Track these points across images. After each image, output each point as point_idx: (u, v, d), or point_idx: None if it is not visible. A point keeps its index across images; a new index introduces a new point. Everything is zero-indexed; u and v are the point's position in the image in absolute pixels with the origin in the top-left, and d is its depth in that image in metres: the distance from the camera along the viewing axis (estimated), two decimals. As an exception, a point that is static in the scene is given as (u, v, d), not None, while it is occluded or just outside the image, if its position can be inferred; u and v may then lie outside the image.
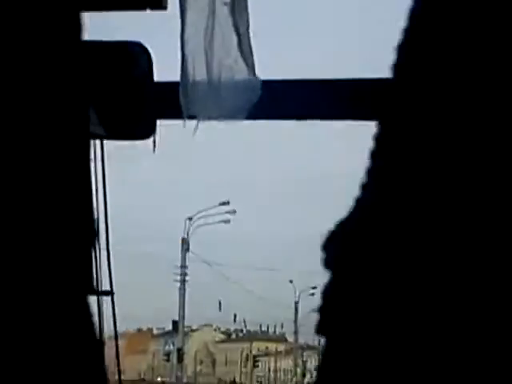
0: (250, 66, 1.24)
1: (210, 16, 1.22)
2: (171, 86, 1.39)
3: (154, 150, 1.39)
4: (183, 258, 42.21)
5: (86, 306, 0.64)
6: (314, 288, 65.33)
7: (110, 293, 1.56)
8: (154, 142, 1.37)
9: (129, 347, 78.67)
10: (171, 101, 1.38)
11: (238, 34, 1.22)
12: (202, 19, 1.23)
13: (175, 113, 1.39)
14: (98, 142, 1.37)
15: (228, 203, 38.51)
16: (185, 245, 41.94)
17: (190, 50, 1.24)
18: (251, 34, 1.26)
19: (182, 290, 40.87)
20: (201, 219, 41.18)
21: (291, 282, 62.26)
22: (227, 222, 41.82)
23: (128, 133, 1.40)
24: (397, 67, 0.51)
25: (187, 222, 41.13)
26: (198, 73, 1.28)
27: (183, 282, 41.24)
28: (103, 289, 1.51)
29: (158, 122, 1.38)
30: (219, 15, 1.22)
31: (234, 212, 40.97)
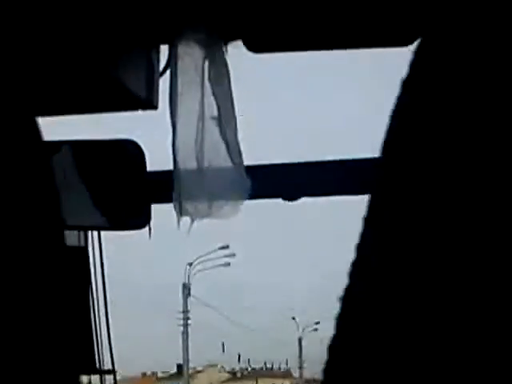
0: (240, 169, 1.32)
1: (200, 123, 1.30)
2: (164, 175, 1.47)
3: (149, 237, 1.49)
4: (184, 303, 42.01)
5: None
6: (317, 323, 64.75)
7: (113, 371, 1.62)
8: (150, 229, 1.46)
9: (135, 393, 77.56)
10: (164, 187, 1.46)
11: (227, 143, 1.30)
12: (192, 126, 1.32)
13: (168, 198, 1.48)
14: (95, 232, 1.48)
15: (227, 247, 38.45)
16: (186, 290, 41.75)
17: (181, 157, 1.33)
18: (239, 138, 1.34)
19: (185, 333, 40.63)
20: (200, 264, 41.00)
21: (294, 318, 61.86)
22: (227, 265, 41.64)
23: (125, 224, 1.50)
24: (386, 146, 0.51)
25: (187, 267, 40.99)
26: (190, 176, 1.36)
27: (186, 326, 41.01)
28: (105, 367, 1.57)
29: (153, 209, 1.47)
30: (207, 125, 1.30)
31: (233, 255, 40.85)
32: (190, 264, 40.34)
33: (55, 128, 1.39)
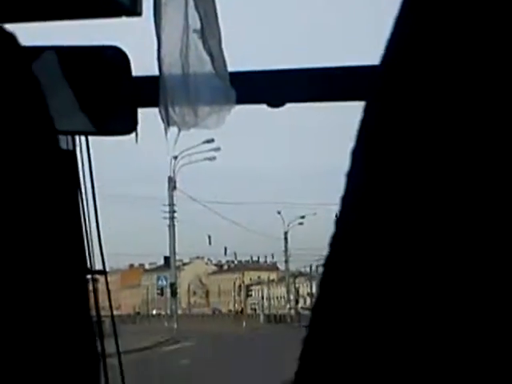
0: (224, 80, 1.34)
1: (184, 36, 1.31)
2: (150, 80, 1.48)
3: (136, 141, 1.51)
4: (170, 196, 42.40)
5: (82, 285, 0.66)
6: (303, 217, 65.77)
7: (103, 272, 1.67)
8: (136, 134, 1.48)
9: (122, 282, 79.10)
10: (150, 92, 1.47)
11: (211, 55, 1.31)
12: (176, 38, 1.32)
13: (155, 103, 1.49)
14: (83, 138, 1.50)
15: (212, 141, 38.45)
16: (171, 183, 42.05)
17: (166, 66, 1.33)
18: (224, 48, 1.35)
19: (171, 226, 41.20)
20: (185, 158, 41.16)
21: (279, 213, 62.69)
22: (212, 159, 41.79)
23: (112, 129, 1.52)
24: (387, 56, 0.49)
25: (172, 161, 41.15)
26: (176, 82, 1.37)
27: (172, 219, 41.50)
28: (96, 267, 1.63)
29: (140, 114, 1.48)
30: (192, 38, 1.31)
31: (218, 149, 40.91)
32: (175, 158, 40.52)
33: (39, 35, 1.40)
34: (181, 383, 15.90)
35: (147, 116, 1.53)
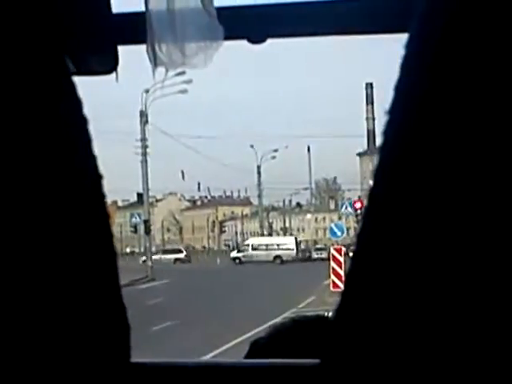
0: (212, 15, 1.22)
1: None
2: (129, 16, 1.34)
3: (117, 80, 1.36)
4: (142, 131, 42.07)
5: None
6: (275, 151, 66.18)
7: None
8: (117, 73, 1.33)
9: (95, 221, 79.14)
10: (131, 29, 1.33)
11: None
12: None
13: (135, 40, 1.35)
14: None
15: (184, 73, 38.00)
16: (143, 117, 41.70)
17: (152, 3, 1.21)
18: None
19: (144, 162, 40.95)
20: (157, 91, 40.81)
21: (252, 146, 62.85)
22: (184, 92, 41.53)
23: (93, 68, 1.36)
24: None
25: (144, 94, 40.80)
26: (162, 19, 1.24)
27: (144, 154, 41.25)
28: None
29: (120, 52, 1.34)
30: None
31: (190, 82, 40.62)
32: (147, 91, 40.17)
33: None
34: (156, 320, 16.00)
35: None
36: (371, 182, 0.52)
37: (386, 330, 0.48)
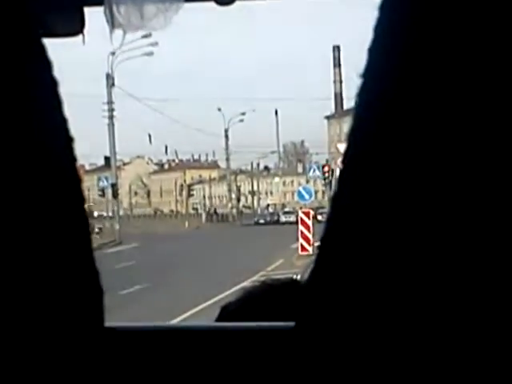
0: None
1: None
2: None
3: (83, 42, 1.33)
4: (109, 94, 41.60)
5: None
6: (243, 114, 65.89)
7: None
8: (83, 35, 1.31)
9: (62, 185, 78.55)
10: None
11: None
12: None
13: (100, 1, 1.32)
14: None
15: (150, 35, 37.54)
16: (109, 80, 41.20)
17: None
18: None
19: (111, 125, 40.56)
20: (123, 53, 40.33)
21: (219, 110, 62.47)
22: (150, 54, 41.04)
23: (59, 30, 1.33)
24: None
25: (110, 57, 40.26)
26: None
27: (111, 118, 40.83)
28: None
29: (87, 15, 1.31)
30: None
31: (156, 44, 40.19)
32: (113, 53, 39.65)
33: None
34: (125, 285, 16.00)
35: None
36: (339, 146, 0.51)
37: (361, 293, 0.48)
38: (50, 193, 0.57)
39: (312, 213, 22.13)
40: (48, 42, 0.65)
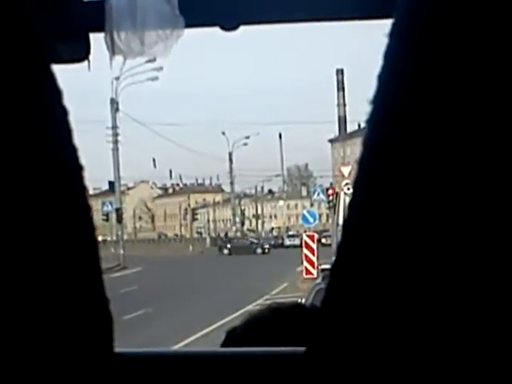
0: (173, 5, 1.21)
1: None
2: (102, 3, 1.32)
3: (89, 68, 1.33)
4: (113, 119, 41.77)
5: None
6: (247, 138, 66.09)
7: None
8: (89, 61, 1.31)
9: (66, 209, 78.48)
10: (100, 16, 1.32)
11: None
12: None
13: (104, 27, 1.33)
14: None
15: (154, 60, 37.72)
16: (114, 105, 41.40)
17: None
18: None
19: (115, 150, 40.71)
20: (128, 78, 40.55)
21: (223, 133, 62.66)
22: (155, 79, 41.28)
23: (64, 56, 1.34)
24: None
25: (114, 81, 40.48)
26: (122, 7, 1.23)
27: (115, 142, 40.98)
28: None
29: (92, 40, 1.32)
30: None
31: (160, 69, 40.40)
32: (117, 78, 39.86)
33: None
34: (129, 309, 15.97)
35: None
36: (343, 169, 0.51)
37: (375, 319, 0.48)
38: (61, 221, 0.58)
39: (316, 236, 22.09)
40: (56, 69, 0.65)
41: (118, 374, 0.67)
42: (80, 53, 1.32)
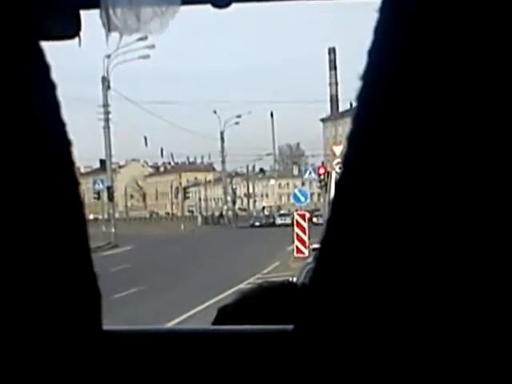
0: None
1: None
2: None
3: (79, 44, 1.33)
4: (105, 97, 41.58)
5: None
6: (238, 117, 65.94)
7: None
8: (80, 38, 1.30)
9: (58, 188, 78.38)
10: None
11: None
12: None
13: (96, 3, 1.32)
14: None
15: (146, 38, 37.51)
16: (105, 83, 41.19)
17: None
18: None
19: (106, 128, 40.56)
20: (119, 56, 40.40)
21: (215, 112, 62.51)
22: (146, 57, 41.07)
23: (55, 32, 1.33)
24: None
25: (105, 59, 40.26)
26: None
27: (107, 120, 40.83)
28: None
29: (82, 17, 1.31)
30: None
31: (152, 47, 40.19)
32: (108, 56, 39.62)
33: None
34: (120, 288, 15.98)
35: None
36: (335, 148, 0.51)
37: (361, 296, 0.48)
38: (48, 196, 0.57)
39: (308, 215, 22.13)
40: (45, 45, 0.65)
41: (106, 351, 0.67)
42: (71, 29, 1.31)
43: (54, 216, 0.57)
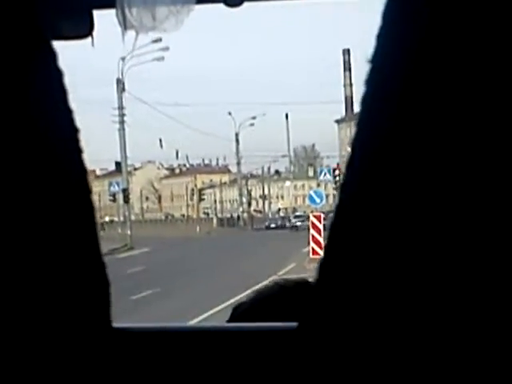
0: None
1: None
2: None
3: (92, 44, 1.34)
4: (119, 99, 41.70)
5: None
6: (253, 118, 65.96)
7: None
8: (92, 38, 1.32)
9: (73, 190, 78.65)
10: None
11: None
12: None
13: (109, 3, 1.32)
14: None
15: (160, 40, 37.62)
16: (120, 85, 41.32)
17: None
18: None
19: (122, 130, 40.67)
20: (134, 58, 40.49)
21: (230, 114, 62.56)
22: (161, 59, 41.17)
23: (68, 32, 1.34)
24: None
25: (120, 62, 40.40)
26: None
27: (122, 122, 40.94)
28: None
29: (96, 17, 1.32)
30: None
31: (167, 49, 40.28)
32: (123, 59, 39.75)
33: None
34: (136, 290, 16.03)
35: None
36: (349, 150, 0.51)
37: (365, 294, 0.48)
38: (61, 201, 0.58)
39: (323, 216, 22.09)
40: (58, 46, 0.65)
41: (115, 348, 0.67)
42: (84, 29, 1.32)
43: (66, 220, 0.58)
